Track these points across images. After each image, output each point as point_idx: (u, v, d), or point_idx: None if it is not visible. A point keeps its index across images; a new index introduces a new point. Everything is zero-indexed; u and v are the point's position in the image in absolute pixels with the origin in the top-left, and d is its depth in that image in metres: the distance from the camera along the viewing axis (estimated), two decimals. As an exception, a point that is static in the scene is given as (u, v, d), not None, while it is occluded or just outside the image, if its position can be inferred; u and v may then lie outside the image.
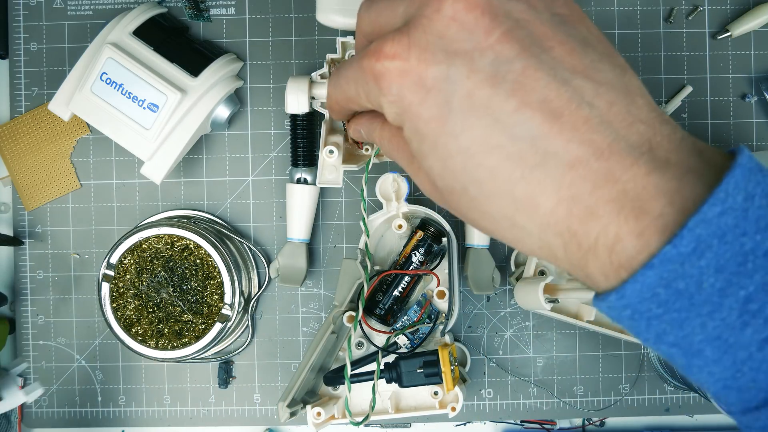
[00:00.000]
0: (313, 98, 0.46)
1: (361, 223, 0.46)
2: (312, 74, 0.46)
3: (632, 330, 0.25)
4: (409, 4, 0.27)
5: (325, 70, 0.46)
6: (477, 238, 0.48)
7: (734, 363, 0.23)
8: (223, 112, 0.49)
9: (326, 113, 0.46)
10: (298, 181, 0.49)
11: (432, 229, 0.47)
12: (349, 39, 0.46)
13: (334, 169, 0.46)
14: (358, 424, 0.45)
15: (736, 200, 0.22)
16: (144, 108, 0.45)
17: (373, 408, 0.45)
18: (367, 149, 0.48)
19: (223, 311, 0.48)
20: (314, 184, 0.49)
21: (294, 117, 0.48)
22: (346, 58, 0.47)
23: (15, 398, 0.41)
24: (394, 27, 0.28)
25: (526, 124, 0.25)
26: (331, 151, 0.45)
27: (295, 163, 0.49)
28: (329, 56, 0.46)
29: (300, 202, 0.49)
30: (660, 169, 0.23)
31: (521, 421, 0.52)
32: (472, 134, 0.25)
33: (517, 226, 0.26)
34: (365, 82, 0.28)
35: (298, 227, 0.49)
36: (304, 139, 0.48)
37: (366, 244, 0.46)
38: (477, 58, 0.25)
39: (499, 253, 0.52)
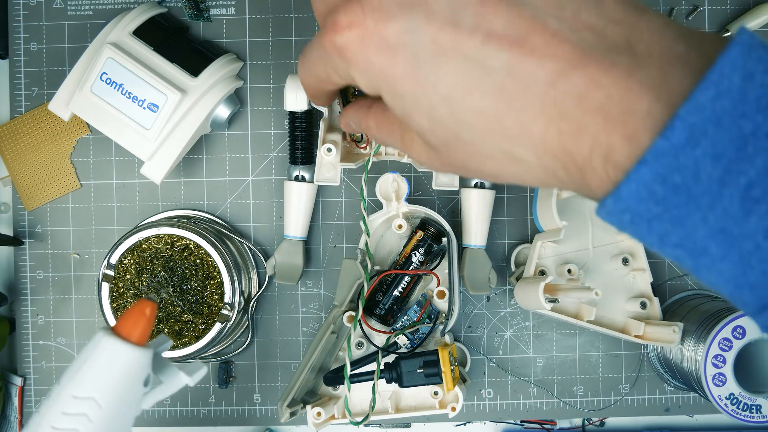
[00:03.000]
0: None
1: (361, 223, 0.46)
2: None
3: (635, 235, 0.24)
4: None
5: None
6: (474, 239, 0.48)
7: (741, 257, 0.22)
8: (223, 112, 0.49)
9: (325, 111, 0.47)
10: (296, 178, 0.49)
11: (432, 229, 0.47)
12: None
13: (331, 167, 0.46)
14: (358, 423, 0.45)
15: (732, 81, 0.21)
16: (144, 108, 0.45)
17: (373, 408, 0.45)
18: (365, 147, 0.48)
19: (223, 311, 0.48)
20: (312, 181, 0.49)
21: (293, 114, 0.48)
22: None
23: (177, 381, 0.33)
24: None
25: (496, 56, 0.24)
26: (329, 149, 0.45)
27: (293, 161, 0.49)
28: None
29: (297, 199, 0.49)
30: (641, 64, 0.23)
31: (521, 421, 0.52)
32: (448, 80, 0.25)
33: (516, 159, 0.26)
34: (331, 59, 0.28)
35: (296, 225, 0.49)
36: (302, 137, 0.48)
37: (366, 244, 0.46)
38: (432, 3, 0.25)
39: (498, 252, 0.52)
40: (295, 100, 0.46)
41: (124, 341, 0.30)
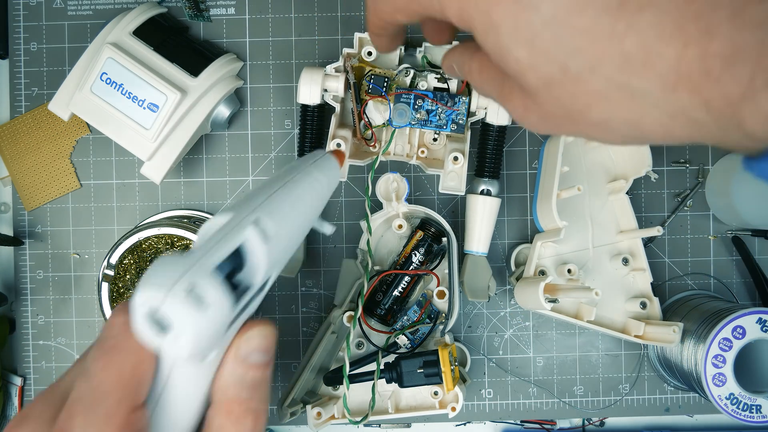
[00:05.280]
0: (325, 91, 0.46)
1: (365, 223, 0.46)
2: (327, 67, 0.46)
3: None
4: None
5: (339, 63, 0.46)
6: (476, 245, 0.48)
7: None
8: (223, 112, 0.49)
9: (337, 107, 0.47)
10: None
11: (432, 229, 0.47)
12: (366, 35, 0.46)
13: None
14: (357, 423, 0.45)
15: None
16: (144, 108, 0.45)
17: (372, 408, 0.45)
18: (374, 146, 0.48)
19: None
20: None
21: (304, 108, 0.48)
22: (362, 53, 0.46)
23: (322, 225, 0.39)
24: None
25: None
26: (338, 145, 0.45)
27: (301, 154, 0.49)
28: (346, 50, 0.46)
29: None
30: None
31: (521, 421, 0.52)
32: None
33: (635, 95, 0.21)
34: None
35: None
36: (312, 131, 0.48)
37: (368, 242, 0.46)
38: None
39: (498, 252, 0.52)
40: (309, 93, 0.46)
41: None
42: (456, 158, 0.47)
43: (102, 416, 0.22)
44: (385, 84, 0.46)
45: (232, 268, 0.26)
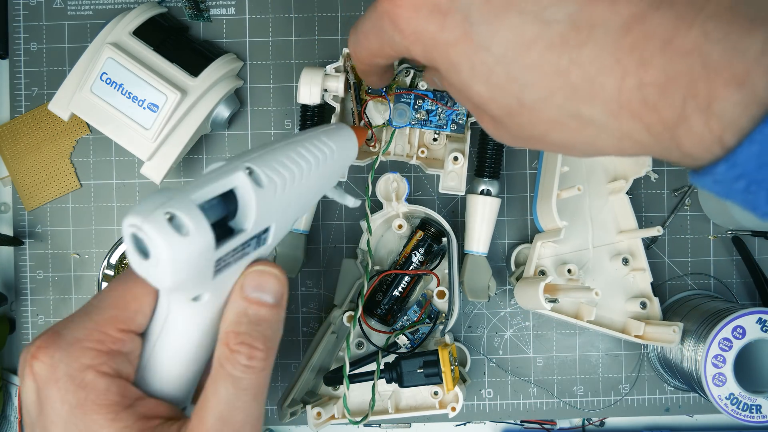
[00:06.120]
0: (325, 91, 0.46)
1: (365, 223, 0.46)
2: (327, 67, 0.46)
3: (747, 204, 0.20)
4: None
5: (339, 63, 0.46)
6: (476, 245, 0.48)
7: None
8: (223, 112, 0.49)
9: (337, 107, 0.47)
10: None
11: (432, 229, 0.47)
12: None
13: None
14: (357, 423, 0.45)
15: None
16: (144, 108, 0.45)
17: (372, 408, 0.45)
18: (374, 146, 0.48)
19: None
20: None
21: (304, 108, 0.48)
22: None
23: (344, 197, 0.39)
24: None
25: (556, 5, 0.22)
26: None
27: None
28: (346, 50, 0.46)
29: None
30: None
31: (521, 421, 0.52)
32: (503, 38, 0.23)
33: (586, 122, 0.23)
34: (384, 31, 0.27)
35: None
36: None
37: (368, 242, 0.46)
38: None
39: (498, 252, 0.52)
40: (309, 93, 0.46)
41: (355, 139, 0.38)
42: (456, 158, 0.47)
43: (93, 323, 0.26)
44: None
45: (226, 212, 0.26)
